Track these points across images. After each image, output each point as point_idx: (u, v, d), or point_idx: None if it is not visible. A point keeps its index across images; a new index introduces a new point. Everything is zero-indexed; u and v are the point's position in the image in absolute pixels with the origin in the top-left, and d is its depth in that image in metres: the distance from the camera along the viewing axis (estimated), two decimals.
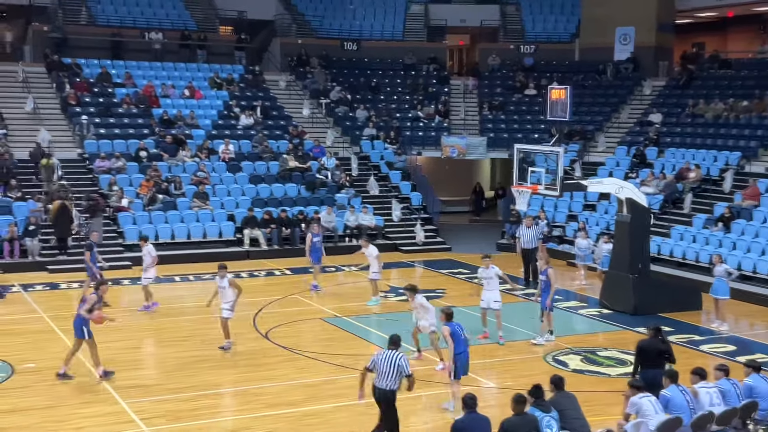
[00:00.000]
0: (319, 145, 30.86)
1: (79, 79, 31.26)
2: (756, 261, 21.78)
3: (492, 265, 17.04)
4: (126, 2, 35.97)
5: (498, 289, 17.09)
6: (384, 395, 11.10)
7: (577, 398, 10.49)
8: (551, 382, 10.57)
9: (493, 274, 17.00)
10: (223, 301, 16.00)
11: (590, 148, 32.01)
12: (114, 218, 25.68)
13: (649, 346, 12.32)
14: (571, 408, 10.24)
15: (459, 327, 12.87)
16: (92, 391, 13.76)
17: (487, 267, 17.05)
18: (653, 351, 12.25)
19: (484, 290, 17.13)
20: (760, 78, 32.09)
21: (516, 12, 40.21)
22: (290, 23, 38.39)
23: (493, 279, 17.04)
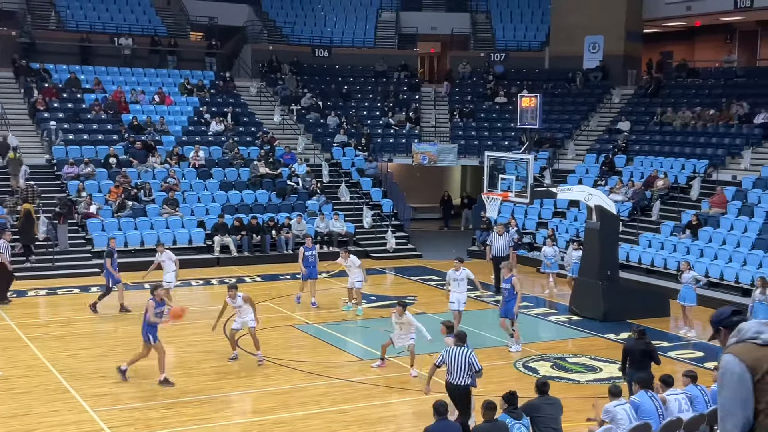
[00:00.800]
0: (290, 152, 30.80)
1: (48, 85, 30.96)
2: (723, 268, 22.04)
3: (463, 268, 17.22)
4: (96, 7, 35.74)
5: (466, 292, 17.30)
6: (457, 390, 11.35)
7: (561, 405, 10.50)
8: (536, 385, 10.65)
9: (464, 276, 17.17)
10: (242, 318, 15.69)
11: (560, 156, 32.25)
12: (83, 225, 25.44)
13: (635, 348, 12.54)
14: (550, 414, 10.26)
15: None
16: (60, 399, 13.60)
17: (457, 269, 17.22)
18: (638, 352, 12.46)
19: (453, 292, 17.23)
20: (727, 87, 32.57)
21: (486, 20, 40.45)
22: (261, 29, 38.34)
23: (464, 281, 17.20)
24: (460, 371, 11.39)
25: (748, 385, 4.38)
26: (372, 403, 13.74)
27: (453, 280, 17.39)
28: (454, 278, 17.36)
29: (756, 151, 27.55)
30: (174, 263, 19.57)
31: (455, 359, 11.42)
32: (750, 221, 23.59)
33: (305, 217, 27.50)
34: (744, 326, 4.59)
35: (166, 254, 19.71)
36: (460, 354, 11.45)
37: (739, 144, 28.25)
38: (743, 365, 4.40)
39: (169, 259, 19.54)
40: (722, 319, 4.75)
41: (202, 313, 19.38)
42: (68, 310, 20.14)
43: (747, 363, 4.40)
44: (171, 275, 19.37)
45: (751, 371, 4.39)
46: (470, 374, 11.43)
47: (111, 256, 19.59)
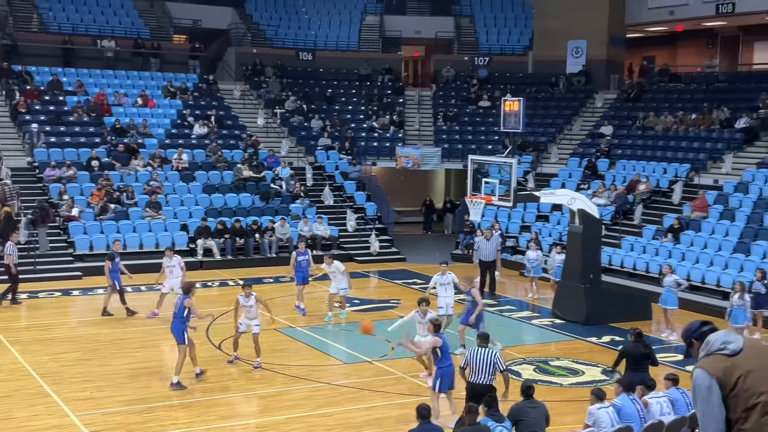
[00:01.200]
0: (273, 155, 30.75)
1: (30, 87, 30.77)
2: (704, 272, 22.17)
3: (449, 272, 17.25)
4: (78, 9, 35.58)
5: (453, 296, 17.30)
6: (481, 391, 11.30)
7: (546, 409, 10.52)
8: (521, 389, 10.69)
9: (450, 280, 17.19)
10: (249, 318, 15.58)
11: (543, 160, 32.37)
12: (64, 228, 25.29)
13: (633, 350, 12.65)
14: (533, 419, 10.28)
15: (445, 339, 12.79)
16: (41, 403, 13.51)
17: (444, 273, 17.23)
18: (637, 354, 12.58)
19: (440, 297, 17.20)
20: (708, 92, 32.80)
21: (470, 24, 40.56)
22: (245, 32, 38.28)
23: (450, 285, 17.22)
24: (483, 371, 11.56)
25: (717, 398, 4.44)
26: (356, 406, 13.73)
27: (439, 284, 17.32)
28: (440, 282, 17.31)
29: (737, 155, 27.76)
30: (182, 269, 19.51)
31: (480, 360, 11.59)
32: (731, 225, 23.76)
33: (289, 220, 27.46)
34: (711, 338, 4.64)
35: (176, 259, 19.59)
36: (484, 354, 11.65)
37: (720, 148, 28.45)
38: (712, 379, 4.46)
39: (178, 265, 19.45)
40: (692, 332, 4.81)
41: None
42: (49, 313, 20.00)
43: (716, 376, 4.46)
44: (177, 281, 19.13)
45: (721, 383, 4.44)
46: (494, 374, 11.64)
47: (113, 259, 19.48)
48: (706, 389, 4.45)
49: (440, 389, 12.36)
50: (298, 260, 20.12)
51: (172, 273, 19.37)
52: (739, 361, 4.49)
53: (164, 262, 19.66)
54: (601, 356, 16.97)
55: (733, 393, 4.44)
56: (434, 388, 12.43)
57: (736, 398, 4.44)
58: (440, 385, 12.32)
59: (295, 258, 20.23)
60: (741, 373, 4.44)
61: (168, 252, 20.05)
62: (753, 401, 4.40)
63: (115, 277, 19.33)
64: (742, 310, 17.76)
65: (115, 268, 19.41)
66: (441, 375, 12.32)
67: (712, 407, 4.43)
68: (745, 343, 4.61)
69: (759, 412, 4.40)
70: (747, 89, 31.88)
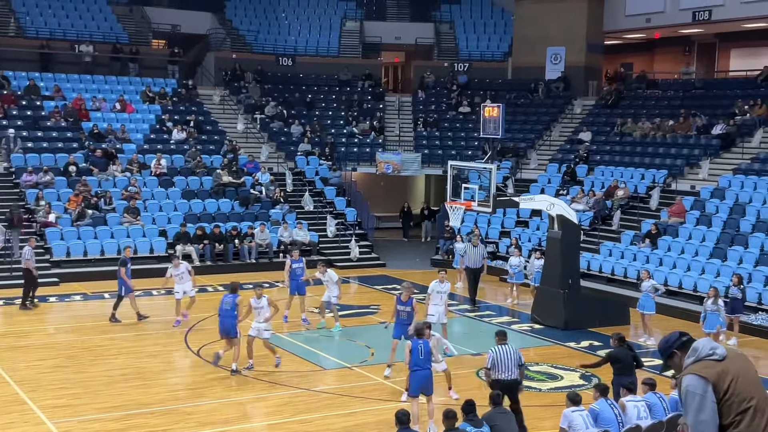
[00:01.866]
0: (253, 161, 30.67)
1: (6, 92, 30.55)
2: (681, 277, 22.32)
3: (447, 280, 17.23)
4: (56, 14, 35.35)
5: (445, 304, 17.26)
6: (510, 386, 11.89)
7: (513, 417, 10.64)
8: (490, 397, 10.86)
9: (447, 288, 17.19)
10: (259, 321, 15.65)
11: (522, 166, 32.50)
12: (41, 234, 25.08)
13: (621, 355, 12.71)
14: (505, 424, 10.36)
15: (424, 344, 12.54)
16: (17, 411, 13.38)
17: (442, 281, 17.07)
18: (627, 359, 12.65)
19: (432, 305, 17.03)
20: (685, 98, 33.06)
21: (450, 30, 40.69)
22: (224, 37, 38.20)
23: (446, 294, 17.16)
24: (510, 367, 12.02)
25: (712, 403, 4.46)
26: (335, 413, 13.70)
27: (436, 292, 17.04)
28: (437, 290, 17.03)
29: (714, 161, 28.00)
30: (191, 273, 19.43)
31: (505, 356, 12.02)
32: (708, 231, 23.94)
33: (268, 226, 27.38)
34: (698, 345, 4.66)
35: (183, 266, 19.35)
36: (509, 350, 12.12)
37: (697, 154, 28.68)
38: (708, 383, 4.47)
39: (186, 270, 19.26)
40: (673, 343, 4.82)
41: (162, 323, 19.25)
42: (26, 320, 19.82)
43: (711, 379, 4.47)
44: (188, 285, 19.16)
45: (715, 387, 4.46)
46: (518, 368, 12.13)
47: (125, 264, 19.26)
48: (701, 395, 4.46)
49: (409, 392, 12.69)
50: (293, 268, 19.70)
51: (181, 279, 19.16)
52: (728, 365, 4.53)
53: (171, 271, 19.28)
54: (579, 361, 17.03)
55: (725, 397, 4.47)
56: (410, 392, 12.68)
57: (729, 402, 4.47)
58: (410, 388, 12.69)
59: (289, 265, 19.86)
60: (732, 377, 4.48)
61: (174, 261, 19.72)
62: (745, 405, 4.45)
63: (122, 283, 19.12)
64: (715, 315, 17.89)
65: (128, 274, 19.19)
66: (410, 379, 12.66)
67: (707, 413, 4.45)
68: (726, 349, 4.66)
69: (750, 415, 4.44)
70: (723, 96, 32.18)
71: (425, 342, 12.64)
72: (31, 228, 25.32)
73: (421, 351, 12.46)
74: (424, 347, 12.53)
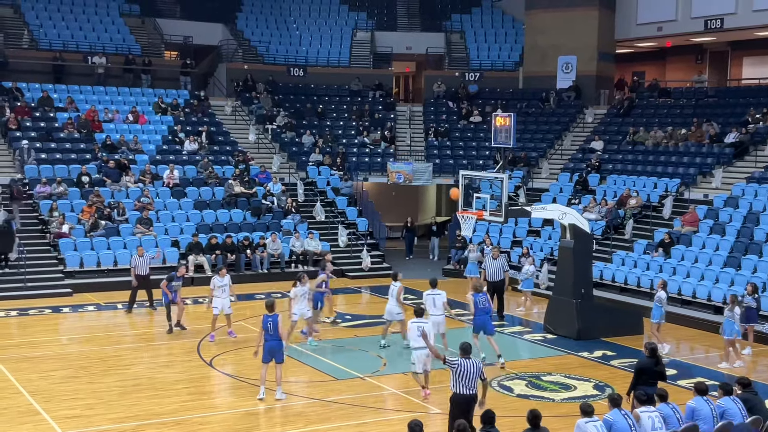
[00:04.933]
0: (264, 171, 30.75)
1: (20, 103, 30.73)
2: (695, 286, 22.20)
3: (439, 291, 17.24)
4: (69, 26, 35.57)
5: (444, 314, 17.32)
6: (469, 402, 11.64)
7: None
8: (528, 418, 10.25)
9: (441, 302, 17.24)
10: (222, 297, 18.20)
11: (534, 175, 32.45)
12: (55, 245, 25.19)
13: (650, 366, 12.68)
14: None
15: (274, 319, 14.41)
16: (30, 422, 13.42)
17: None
18: (652, 369, 12.67)
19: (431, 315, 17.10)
20: (698, 106, 32.97)
21: (461, 40, 40.72)
22: (236, 48, 38.35)
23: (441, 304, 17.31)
24: (474, 380, 11.68)
25: None
26: (347, 423, 13.68)
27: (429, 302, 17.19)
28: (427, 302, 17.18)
29: (727, 170, 27.88)
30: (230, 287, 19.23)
31: (472, 370, 11.66)
32: (722, 240, 23.82)
33: (280, 236, 27.43)
34: None
35: (227, 278, 19.07)
36: (474, 364, 11.74)
37: (710, 163, 28.57)
38: None
39: (228, 283, 19.03)
40: None
41: (176, 334, 19.28)
42: (39, 331, 19.88)
43: None
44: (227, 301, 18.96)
45: None
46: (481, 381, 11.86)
47: (171, 279, 19.44)
48: None
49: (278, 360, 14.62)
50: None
51: (224, 292, 18.88)
52: None
53: (215, 282, 18.94)
54: (593, 371, 16.97)
55: None
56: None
57: None
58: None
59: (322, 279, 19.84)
60: None
61: (222, 271, 19.33)
62: None
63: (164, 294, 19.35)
64: (731, 323, 17.78)
65: (170, 287, 19.33)
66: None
67: None
68: None
69: None
70: (736, 104, 32.07)
71: (275, 317, 14.45)
72: (45, 238, 25.45)
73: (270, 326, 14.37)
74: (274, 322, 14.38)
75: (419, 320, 14.72)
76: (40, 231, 25.97)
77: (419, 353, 14.65)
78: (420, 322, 14.66)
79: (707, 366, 17.75)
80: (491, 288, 22.03)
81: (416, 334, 14.48)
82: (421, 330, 14.17)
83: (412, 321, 14.82)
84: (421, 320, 14.70)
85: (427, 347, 13.91)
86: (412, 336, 14.73)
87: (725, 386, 11.55)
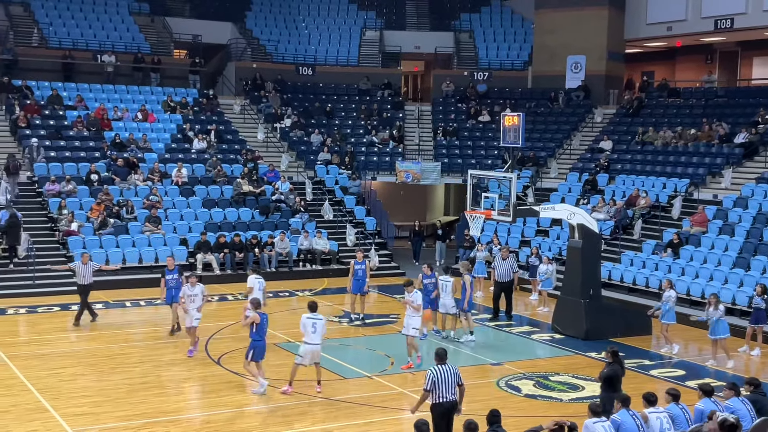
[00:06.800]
0: (273, 170, 30.77)
1: (30, 102, 30.83)
2: (704, 286, 22.12)
3: (416, 290, 17.01)
4: (79, 24, 35.68)
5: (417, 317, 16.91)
6: (449, 410, 11.36)
7: None
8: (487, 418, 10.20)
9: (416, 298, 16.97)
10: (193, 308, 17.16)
11: (542, 175, 32.40)
12: (64, 242, 25.27)
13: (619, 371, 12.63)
14: None
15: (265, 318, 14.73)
16: (39, 419, 13.46)
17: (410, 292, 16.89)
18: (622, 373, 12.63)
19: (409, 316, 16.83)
20: (707, 107, 32.86)
21: (470, 39, 40.68)
22: (245, 47, 38.39)
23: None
24: (452, 386, 11.36)
25: None
26: (354, 422, 13.68)
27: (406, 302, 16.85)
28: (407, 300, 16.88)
29: (736, 170, 27.79)
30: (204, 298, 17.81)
31: (446, 377, 11.32)
32: (731, 240, 23.74)
33: (288, 234, 27.44)
34: None
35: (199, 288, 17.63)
36: (449, 370, 11.43)
37: (719, 163, 28.48)
38: None
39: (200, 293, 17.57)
40: None
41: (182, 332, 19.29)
42: (48, 328, 19.95)
43: None
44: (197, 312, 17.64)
45: None
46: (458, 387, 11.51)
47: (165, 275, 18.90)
48: None
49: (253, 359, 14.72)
50: (356, 269, 20.96)
51: (193, 302, 17.42)
52: None
53: (185, 291, 17.57)
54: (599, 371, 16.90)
55: None
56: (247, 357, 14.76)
57: None
58: (253, 355, 14.69)
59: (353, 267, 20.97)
60: None
61: (191, 279, 17.76)
62: None
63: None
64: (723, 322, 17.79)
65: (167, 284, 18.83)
66: (254, 347, 14.66)
67: None
68: None
69: None
70: (746, 104, 31.95)
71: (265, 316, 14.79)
72: (54, 236, 25.53)
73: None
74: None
75: (313, 315, 14.62)
76: (49, 229, 26.04)
77: (308, 348, 14.59)
78: (314, 317, 14.63)
79: (716, 367, 17.68)
80: (500, 288, 21.99)
81: (310, 330, 14.56)
82: (316, 326, 14.49)
83: (306, 316, 14.67)
84: (315, 315, 14.64)
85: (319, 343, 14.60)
86: (306, 331, 14.65)
87: (734, 387, 11.50)
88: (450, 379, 11.35)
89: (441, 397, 11.30)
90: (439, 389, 11.29)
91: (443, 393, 11.30)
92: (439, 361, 11.57)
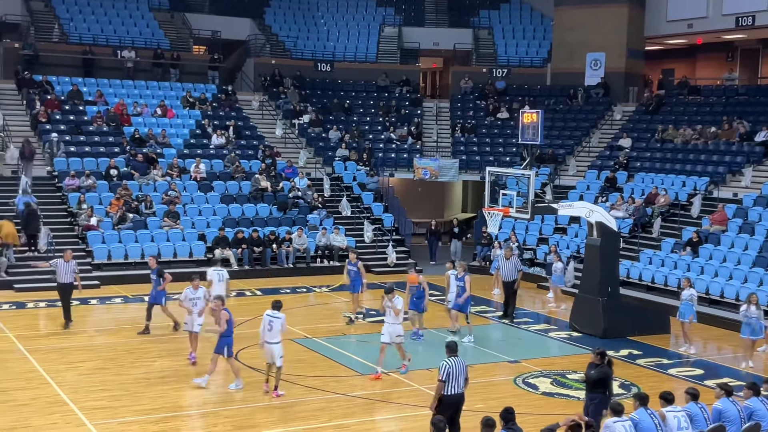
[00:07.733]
0: (291, 166, 30.83)
1: (50, 97, 31.03)
2: (723, 285, 21.99)
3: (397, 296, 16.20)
4: (99, 20, 35.87)
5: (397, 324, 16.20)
6: (458, 401, 11.48)
7: None
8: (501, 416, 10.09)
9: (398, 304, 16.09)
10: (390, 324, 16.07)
11: (561, 172, 32.28)
12: (83, 237, 25.43)
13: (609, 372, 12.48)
14: None
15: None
16: (59, 412, 13.56)
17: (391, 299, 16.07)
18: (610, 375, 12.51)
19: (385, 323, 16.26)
20: (728, 104, 32.62)
21: (489, 36, 40.57)
22: (264, 43, 38.46)
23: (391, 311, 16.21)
24: (462, 379, 11.51)
25: None
26: (371, 418, 13.70)
27: (388, 307, 16.15)
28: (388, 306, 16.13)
29: (757, 169, 27.57)
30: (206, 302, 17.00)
31: (460, 369, 11.48)
32: (751, 239, 23.57)
33: (306, 231, 27.48)
34: None
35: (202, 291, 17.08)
36: (462, 363, 11.58)
37: (739, 162, 28.27)
38: None
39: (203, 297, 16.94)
40: None
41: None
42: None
43: None
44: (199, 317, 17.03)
45: None
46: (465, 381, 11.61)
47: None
48: None
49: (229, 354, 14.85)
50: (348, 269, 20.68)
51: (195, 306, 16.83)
52: None
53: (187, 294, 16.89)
54: (619, 370, 16.78)
55: None
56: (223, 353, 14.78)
57: None
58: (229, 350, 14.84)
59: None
60: None
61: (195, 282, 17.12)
62: None
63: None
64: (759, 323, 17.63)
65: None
66: (227, 343, 14.75)
67: None
68: None
69: None
70: (767, 102, 31.67)
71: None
72: (73, 230, 25.69)
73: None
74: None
75: (273, 313, 14.45)
76: (68, 223, 26.22)
77: (265, 346, 14.52)
78: (273, 315, 14.42)
79: (734, 366, 17.57)
80: (504, 288, 21.92)
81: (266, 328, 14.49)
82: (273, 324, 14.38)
83: (267, 312, 14.54)
84: (275, 313, 14.42)
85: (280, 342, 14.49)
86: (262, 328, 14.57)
87: (753, 386, 11.43)
88: (460, 372, 11.50)
89: (453, 388, 11.43)
90: (451, 381, 11.41)
91: (454, 385, 11.44)
92: (451, 353, 11.70)
